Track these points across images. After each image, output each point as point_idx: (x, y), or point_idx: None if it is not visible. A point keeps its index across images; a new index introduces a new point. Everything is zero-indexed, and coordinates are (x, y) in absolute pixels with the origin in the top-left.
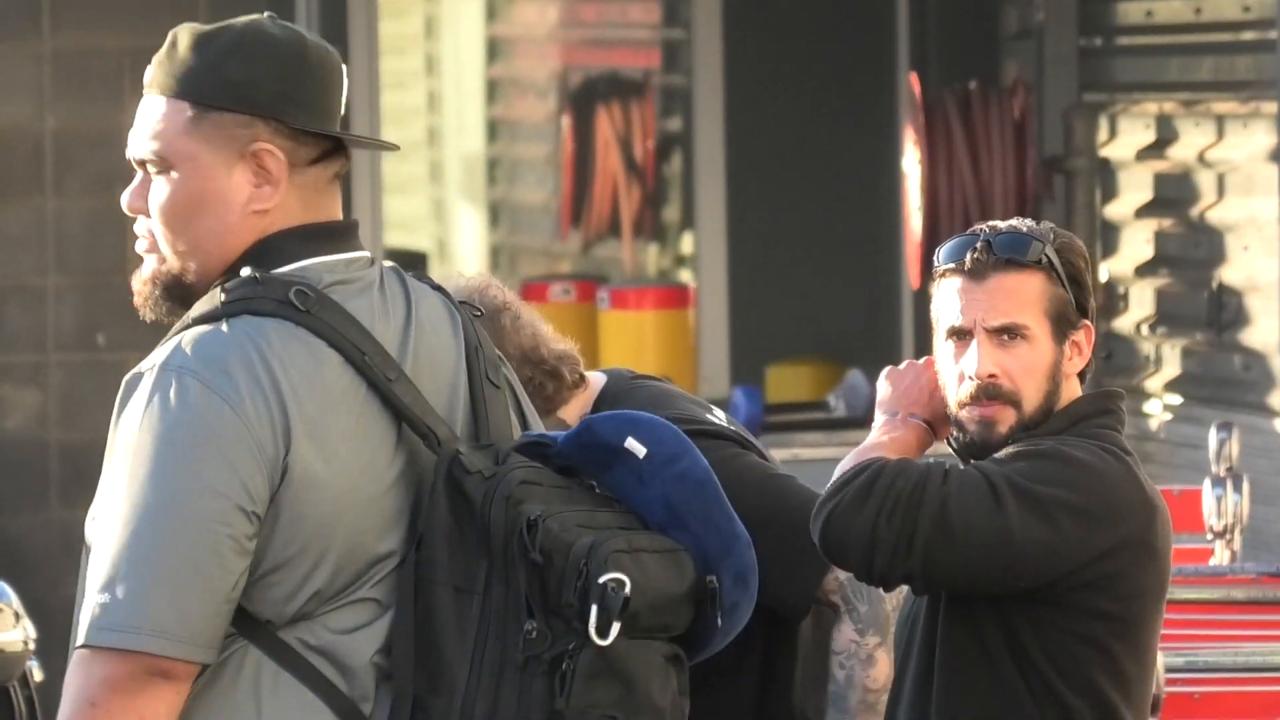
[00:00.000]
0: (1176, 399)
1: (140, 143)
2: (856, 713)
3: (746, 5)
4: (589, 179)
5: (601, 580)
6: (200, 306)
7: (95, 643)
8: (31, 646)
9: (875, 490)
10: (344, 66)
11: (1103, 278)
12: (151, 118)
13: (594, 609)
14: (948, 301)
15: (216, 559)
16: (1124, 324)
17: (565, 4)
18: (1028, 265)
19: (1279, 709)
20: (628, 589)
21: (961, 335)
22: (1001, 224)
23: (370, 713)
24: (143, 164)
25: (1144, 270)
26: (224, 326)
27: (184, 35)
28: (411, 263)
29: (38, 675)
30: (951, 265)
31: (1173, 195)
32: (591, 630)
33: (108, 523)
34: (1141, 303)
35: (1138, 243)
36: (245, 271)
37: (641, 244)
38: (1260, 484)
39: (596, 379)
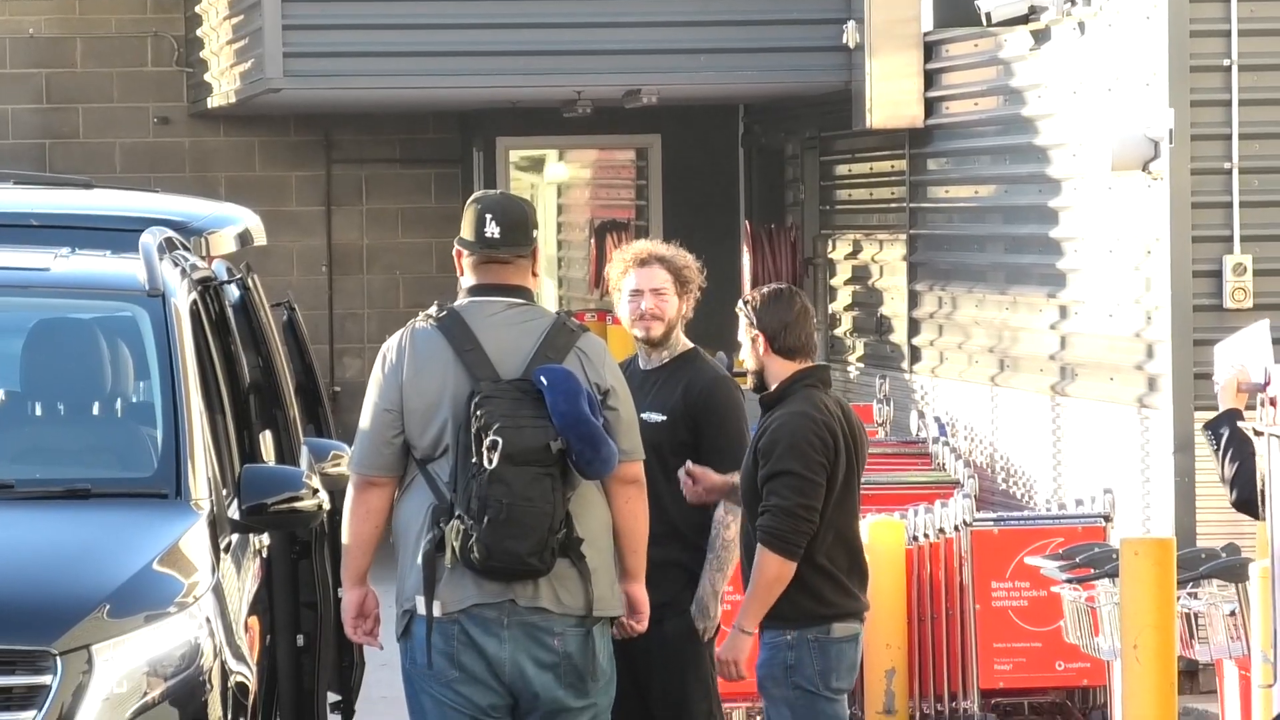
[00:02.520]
0: (861, 366)
1: None
2: (721, 549)
3: (678, 180)
4: (602, 265)
5: (488, 438)
6: None
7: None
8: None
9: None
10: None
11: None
12: None
13: (485, 451)
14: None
15: (378, 428)
16: (839, 332)
17: (594, 169)
18: (740, 309)
19: (916, 500)
20: (500, 441)
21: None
22: (762, 291)
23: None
24: None
25: (849, 308)
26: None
27: None
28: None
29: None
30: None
31: (860, 275)
32: (485, 462)
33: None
34: (847, 321)
35: (844, 297)
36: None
37: None
38: (902, 403)
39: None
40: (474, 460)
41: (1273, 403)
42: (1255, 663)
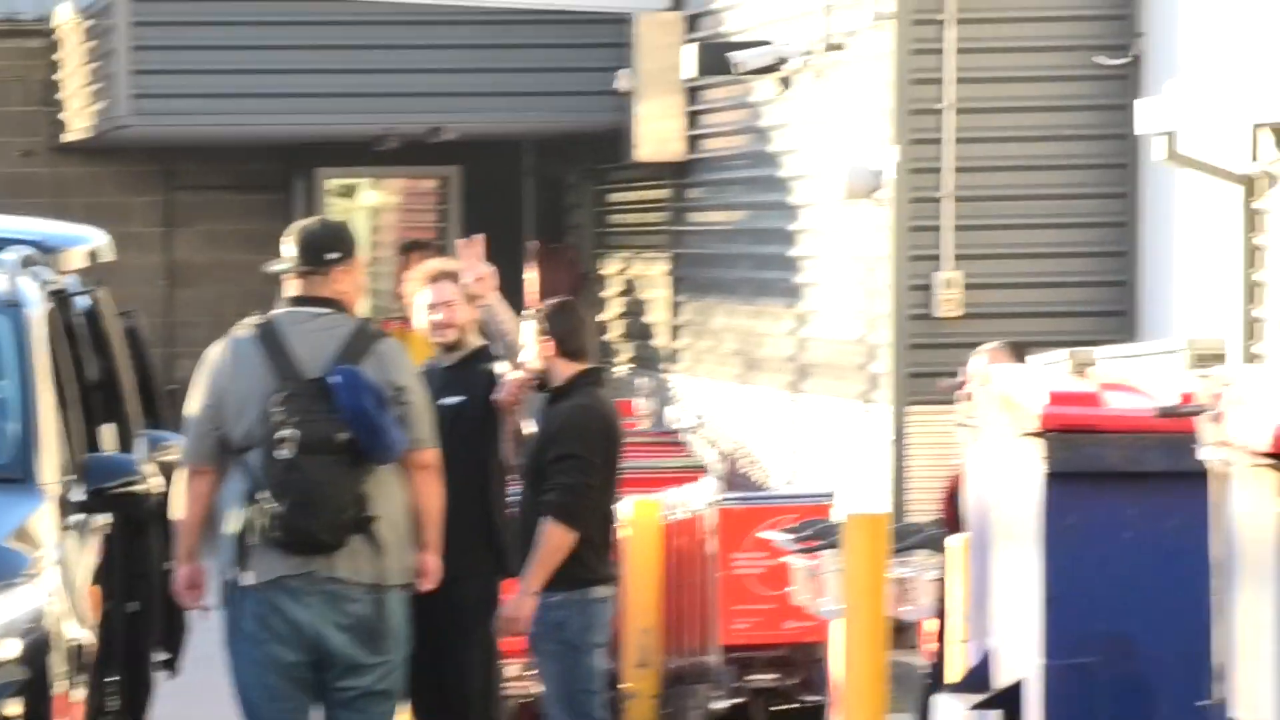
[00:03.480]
0: (630, 366)
1: None
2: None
3: (474, 205)
4: None
5: (283, 433)
6: None
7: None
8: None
9: None
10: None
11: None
12: None
13: (281, 446)
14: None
15: (201, 423)
16: (611, 337)
17: (402, 195)
18: (533, 318)
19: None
20: (294, 434)
21: None
22: (552, 302)
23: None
24: None
25: (620, 317)
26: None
27: None
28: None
29: None
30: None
31: (629, 289)
32: (281, 452)
33: None
34: (618, 328)
35: (616, 307)
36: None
37: None
38: (663, 398)
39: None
40: (274, 450)
41: (968, 397)
42: (954, 621)
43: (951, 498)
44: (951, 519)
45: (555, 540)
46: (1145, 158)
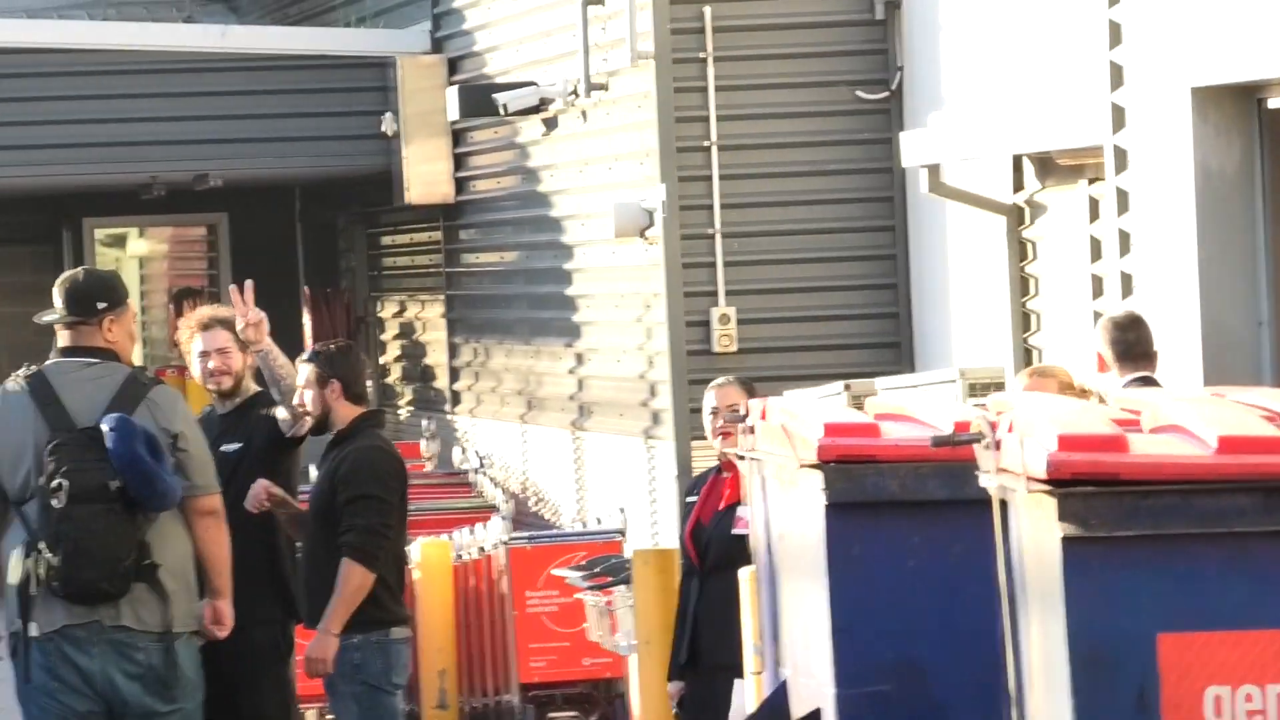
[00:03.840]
0: (410, 409)
1: None
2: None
3: (244, 251)
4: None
5: (54, 483)
6: None
7: None
8: None
9: None
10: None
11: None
12: None
13: (55, 492)
14: None
15: None
16: (389, 380)
17: (171, 243)
18: (309, 360)
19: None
20: (64, 483)
21: None
22: (321, 345)
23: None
24: None
25: (397, 359)
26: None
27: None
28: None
29: None
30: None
31: (406, 331)
32: (52, 502)
33: None
34: (396, 370)
35: (393, 350)
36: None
37: None
38: (446, 440)
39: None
40: (48, 500)
41: (750, 430)
42: (748, 653)
43: (693, 533)
44: (693, 553)
45: (355, 581)
46: (912, 190)
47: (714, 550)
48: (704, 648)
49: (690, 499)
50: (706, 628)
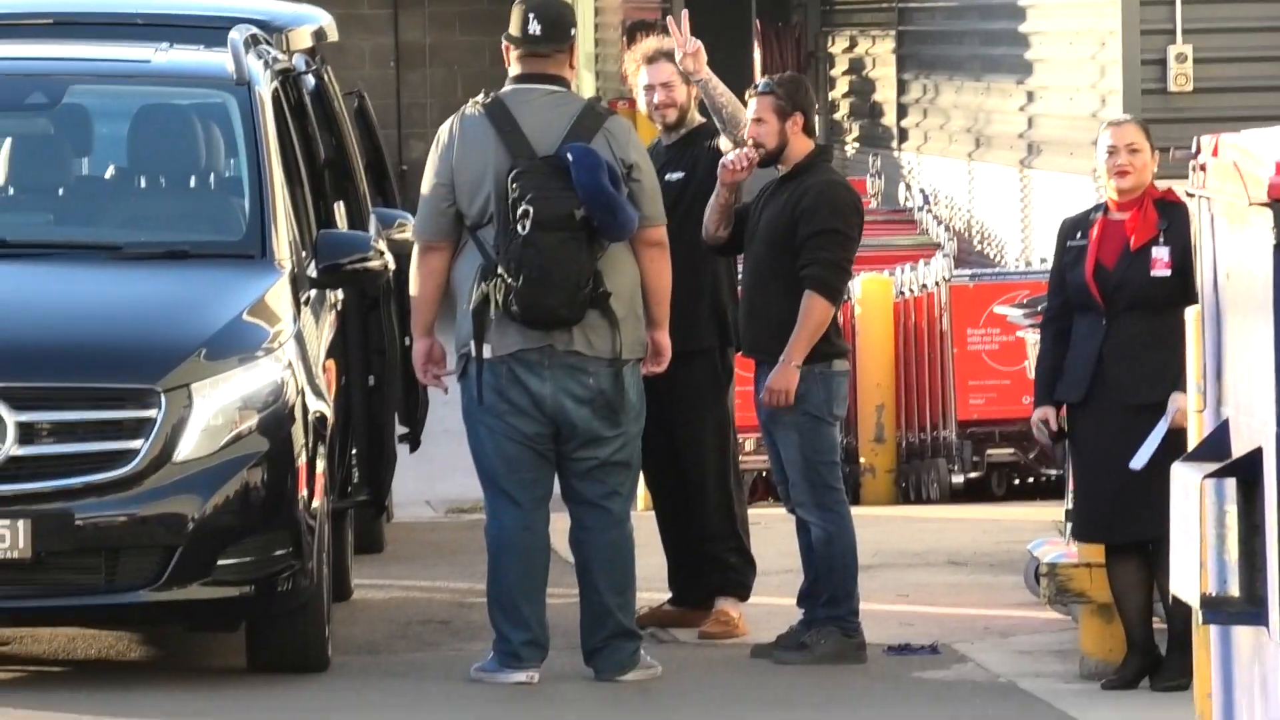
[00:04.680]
0: (857, 145)
1: None
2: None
3: None
4: None
5: (519, 209)
6: None
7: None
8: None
9: None
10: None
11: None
12: None
13: (519, 219)
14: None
15: (434, 200)
16: (837, 116)
17: None
18: (769, 92)
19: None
20: (530, 210)
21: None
22: (777, 76)
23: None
24: None
25: (845, 96)
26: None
27: None
28: None
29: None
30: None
31: (855, 67)
32: (519, 228)
33: None
34: (844, 107)
35: (842, 86)
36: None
37: None
38: (892, 177)
39: None
40: (511, 226)
41: (1201, 168)
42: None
43: (1094, 275)
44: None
45: (819, 314)
46: None
47: (1126, 291)
48: (1114, 385)
49: (1074, 243)
50: (1116, 366)
